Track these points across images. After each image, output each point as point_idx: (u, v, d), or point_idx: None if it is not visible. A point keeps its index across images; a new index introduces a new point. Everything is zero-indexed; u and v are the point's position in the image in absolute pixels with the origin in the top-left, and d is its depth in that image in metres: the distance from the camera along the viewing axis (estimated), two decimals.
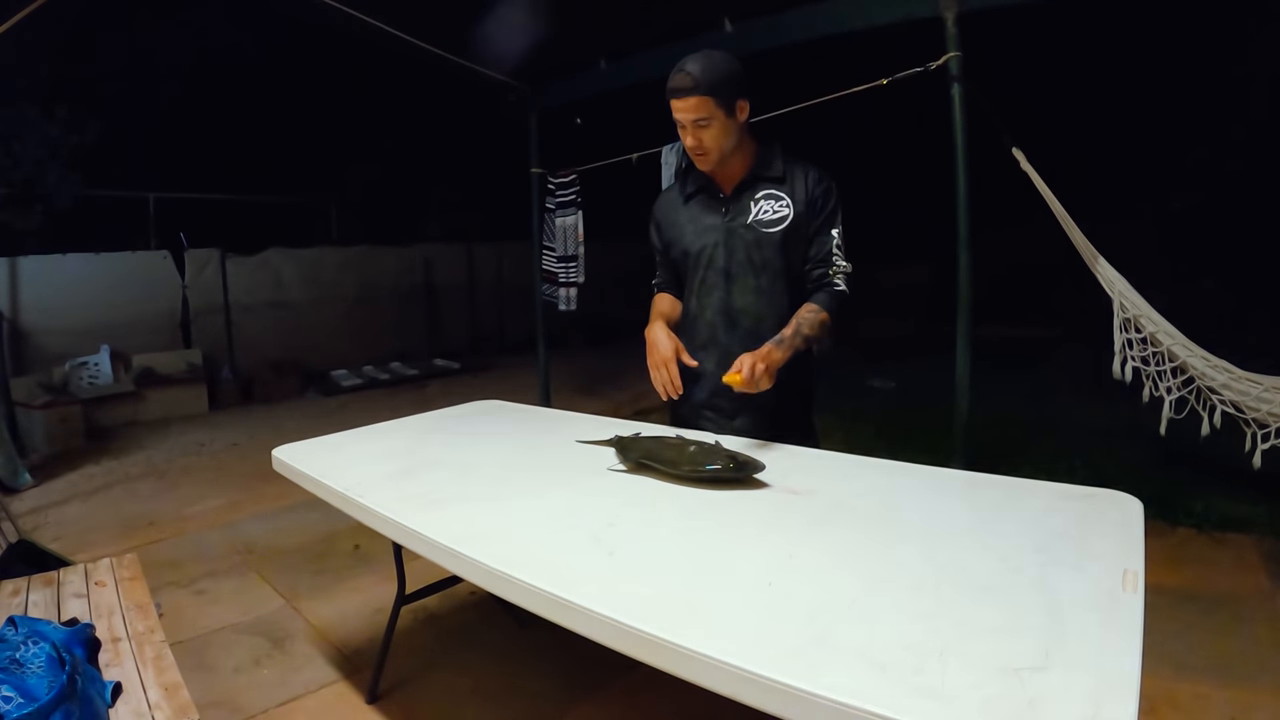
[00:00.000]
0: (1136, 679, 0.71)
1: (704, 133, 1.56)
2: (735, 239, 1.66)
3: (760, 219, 1.65)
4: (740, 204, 1.67)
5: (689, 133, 1.56)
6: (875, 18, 2.90)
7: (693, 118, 1.54)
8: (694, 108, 1.53)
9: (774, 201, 1.65)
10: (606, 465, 1.51)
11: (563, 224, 4.57)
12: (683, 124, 1.56)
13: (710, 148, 1.58)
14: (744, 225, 1.66)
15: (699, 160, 1.63)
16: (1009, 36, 4.82)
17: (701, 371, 1.69)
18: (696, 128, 1.55)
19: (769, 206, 1.65)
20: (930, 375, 3.50)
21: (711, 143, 1.57)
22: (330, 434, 1.92)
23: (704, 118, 1.54)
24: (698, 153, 1.59)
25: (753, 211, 1.65)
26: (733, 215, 1.67)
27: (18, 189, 5.56)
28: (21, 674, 1.21)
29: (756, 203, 1.66)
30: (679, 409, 1.77)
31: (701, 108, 1.53)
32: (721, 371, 1.54)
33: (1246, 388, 2.56)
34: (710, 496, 1.30)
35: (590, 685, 1.95)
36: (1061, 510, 1.15)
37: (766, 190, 1.66)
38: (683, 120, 1.56)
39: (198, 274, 6.38)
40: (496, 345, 8.55)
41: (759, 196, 1.66)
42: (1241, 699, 1.79)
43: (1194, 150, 6.46)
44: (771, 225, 1.64)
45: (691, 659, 0.81)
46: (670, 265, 1.81)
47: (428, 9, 3.62)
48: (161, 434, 5.16)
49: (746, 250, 1.66)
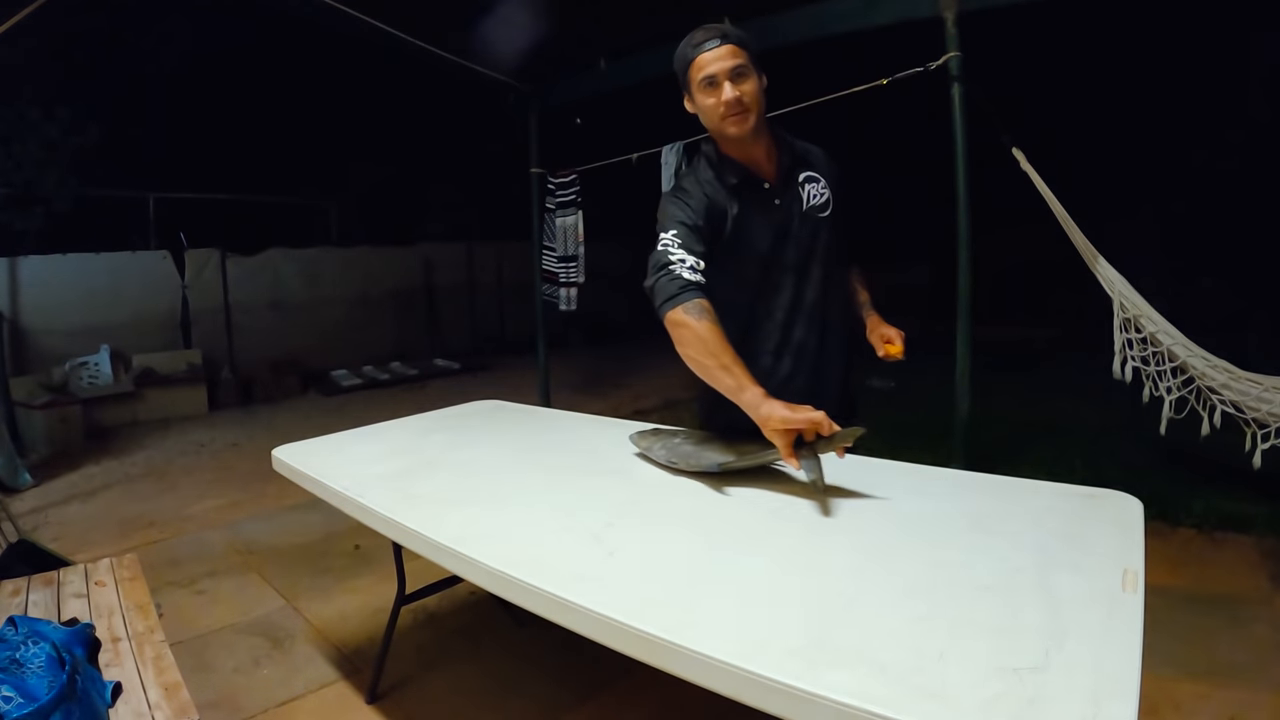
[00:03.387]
0: (1136, 679, 0.71)
1: (744, 84, 1.39)
2: (797, 231, 1.50)
3: (813, 204, 1.51)
4: (790, 192, 1.51)
5: (726, 87, 1.38)
6: (875, 18, 2.90)
7: (729, 65, 1.38)
8: (730, 54, 1.38)
9: (816, 184, 1.53)
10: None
11: (563, 224, 4.57)
12: (716, 79, 1.38)
13: (750, 105, 1.40)
14: (800, 214, 1.50)
15: (738, 121, 1.40)
16: (1009, 36, 4.82)
17: (777, 379, 1.49)
18: (735, 79, 1.38)
19: (814, 190, 1.52)
20: (930, 375, 3.50)
21: (751, 99, 1.40)
22: (330, 434, 1.92)
23: (741, 65, 1.39)
24: (737, 110, 1.39)
25: (803, 198, 1.51)
26: (787, 205, 1.50)
27: (18, 189, 5.56)
28: (21, 674, 1.21)
29: (803, 188, 1.51)
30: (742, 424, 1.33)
31: (737, 54, 1.39)
32: (801, 374, 1.48)
33: (1246, 388, 2.56)
34: (710, 497, 1.30)
35: (590, 685, 1.95)
36: (1061, 510, 1.15)
37: (806, 173, 1.53)
38: (717, 73, 1.38)
39: (198, 274, 6.38)
40: (497, 345, 8.55)
41: (802, 180, 1.52)
42: (1241, 699, 1.79)
43: (1194, 150, 6.46)
44: (822, 210, 1.53)
45: (691, 659, 0.81)
46: (709, 256, 1.43)
47: (428, 9, 3.62)
48: (161, 434, 5.17)
49: (810, 241, 1.51)
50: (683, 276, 1.36)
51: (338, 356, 7.08)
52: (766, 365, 1.50)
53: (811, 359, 1.53)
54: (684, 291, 1.35)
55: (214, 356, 6.32)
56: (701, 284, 1.37)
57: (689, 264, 1.38)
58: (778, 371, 1.51)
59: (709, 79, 1.40)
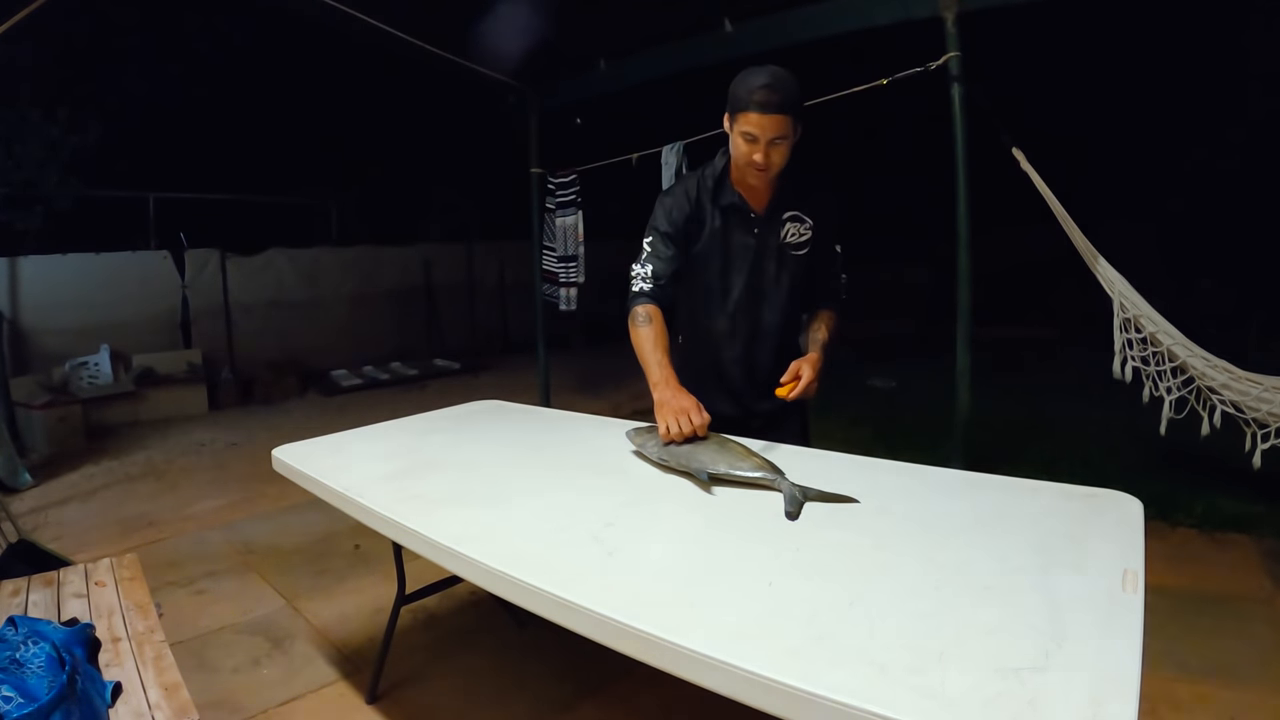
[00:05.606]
0: (1136, 679, 0.71)
1: (776, 151, 1.51)
2: (768, 261, 1.67)
3: (788, 242, 1.67)
4: (771, 226, 1.66)
5: (761, 149, 1.49)
6: (875, 18, 2.90)
7: (773, 135, 1.48)
8: (777, 125, 1.47)
9: (799, 224, 1.68)
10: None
11: (563, 224, 4.57)
12: (754, 138, 1.49)
13: (776, 165, 1.53)
14: (775, 248, 1.67)
15: (758, 174, 1.55)
16: (1009, 36, 4.82)
17: (731, 388, 1.74)
18: (773, 146, 1.50)
19: (795, 229, 1.68)
20: (930, 375, 3.50)
21: (779, 161, 1.53)
22: (330, 434, 1.92)
23: (782, 136, 1.49)
24: (761, 168, 1.53)
25: (781, 235, 1.67)
26: (764, 237, 1.66)
27: (18, 189, 5.56)
28: (21, 674, 1.21)
29: (784, 225, 1.67)
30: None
31: (783, 126, 1.48)
32: (751, 386, 1.61)
33: (1246, 388, 2.56)
34: (710, 497, 1.30)
35: (590, 685, 1.95)
36: (1061, 510, 1.15)
37: (792, 213, 1.67)
38: (759, 135, 1.48)
39: (198, 274, 6.38)
40: (497, 345, 8.55)
41: (786, 219, 1.67)
42: (1241, 699, 1.79)
43: (1194, 150, 6.46)
44: (798, 249, 1.69)
45: (691, 659, 0.81)
46: (677, 259, 1.67)
47: (428, 9, 3.62)
48: (161, 434, 5.16)
49: (777, 272, 1.68)
50: (636, 288, 1.66)
51: (338, 356, 7.07)
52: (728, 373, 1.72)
53: (745, 370, 1.73)
54: (636, 298, 1.65)
55: (214, 356, 6.31)
56: (652, 291, 1.64)
57: (646, 274, 1.65)
58: (734, 382, 1.73)
59: (750, 136, 1.50)
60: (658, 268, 1.65)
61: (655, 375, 1.56)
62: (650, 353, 1.59)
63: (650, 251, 1.67)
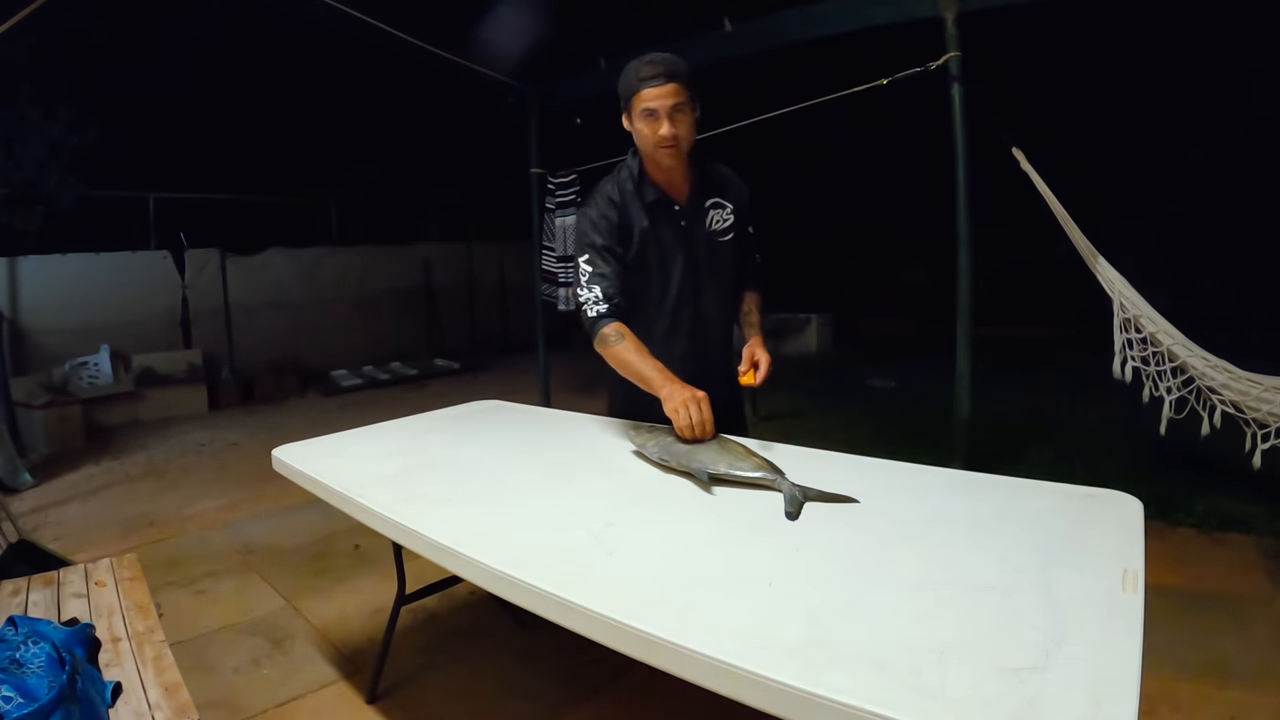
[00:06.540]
0: (1136, 679, 0.71)
1: (680, 121, 1.55)
2: (699, 250, 1.70)
3: (714, 229, 1.71)
4: (696, 215, 1.69)
5: (665, 122, 1.53)
6: (875, 18, 2.90)
7: (671, 103, 1.53)
8: (672, 92, 1.53)
9: (721, 210, 1.72)
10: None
11: (563, 224, 4.57)
12: (657, 113, 1.53)
13: (684, 137, 1.56)
14: (702, 236, 1.70)
15: (670, 152, 1.58)
16: (1009, 36, 4.82)
17: None
18: (675, 116, 1.54)
19: (718, 216, 1.71)
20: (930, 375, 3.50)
21: (686, 133, 1.56)
22: (330, 434, 1.92)
23: (680, 104, 1.54)
24: (669, 142, 1.55)
25: (707, 223, 1.70)
26: (691, 227, 1.69)
27: (18, 189, 5.55)
28: (21, 674, 1.21)
29: (707, 213, 1.70)
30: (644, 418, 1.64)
31: (679, 93, 1.53)
32: (705, 381, 1.55)
33: (1246, 388, 2.56)
34: (710, 497, 1.30)
35: (590, 686, 1.95)
36: (1061, 510, 1.15)
37: (713, 200, 1.70)
38: (659, 108, 1.53)
39: (198, 274, 6.38)
40: (497, 345, 8.55)
41: (708, 206, 1.70)
42: (1241, 699, 1.79)
43: (1194, 150, 6.45)
44: (723, 235, 1.72)
45: (691, 659, 0.81)
46: (621, 273, 1.66)
47: (428, 9, 3.62)
48: (161, 434, 5.16)
49: (709, 261, 1.71)
50: (592, 311, 1.63)
51: (338, 356, 7.07)
52: (678, 370, 1.64)
53: (695, 364, 1.70)
54: (597, 322, 1.63)
55: (214, 356, 6.31)
56: (609, 311, 1.62)
57: (597, 296, 1.63)
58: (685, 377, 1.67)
59: (650, 111, 1.54)
60: (605, 287, 1.63)
61: (656, 380, 1.53)
62: (639, 363, 1.56)
63: (592, 271, 1.64)
